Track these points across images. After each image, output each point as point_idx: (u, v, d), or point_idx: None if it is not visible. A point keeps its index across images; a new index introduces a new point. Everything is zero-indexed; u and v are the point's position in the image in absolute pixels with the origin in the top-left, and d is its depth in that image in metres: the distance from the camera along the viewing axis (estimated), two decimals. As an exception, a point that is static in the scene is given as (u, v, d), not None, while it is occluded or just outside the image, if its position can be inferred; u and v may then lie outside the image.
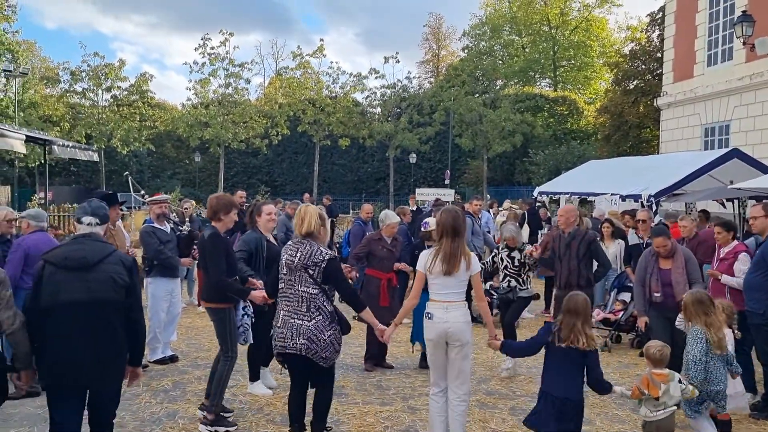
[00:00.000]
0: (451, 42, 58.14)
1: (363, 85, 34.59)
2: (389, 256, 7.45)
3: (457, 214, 4.83)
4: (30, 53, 44.25)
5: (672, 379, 4.56)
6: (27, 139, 11.18)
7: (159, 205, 7.53)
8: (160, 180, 41.74)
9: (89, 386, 3.92)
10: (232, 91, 32.60)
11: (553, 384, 4.35)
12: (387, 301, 7.29)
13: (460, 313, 4.76)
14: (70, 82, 32.59)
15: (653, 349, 4.65)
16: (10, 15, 36.36)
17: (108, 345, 3.87)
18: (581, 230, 7.26)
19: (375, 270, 7.43)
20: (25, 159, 31.64)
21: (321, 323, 4.64)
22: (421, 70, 57.46)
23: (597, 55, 48.14)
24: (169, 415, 5.69)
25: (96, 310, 3.82)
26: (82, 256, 3.88)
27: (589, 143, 34.80)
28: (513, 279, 7.42)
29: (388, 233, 7.53)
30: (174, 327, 7.74)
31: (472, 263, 4.78)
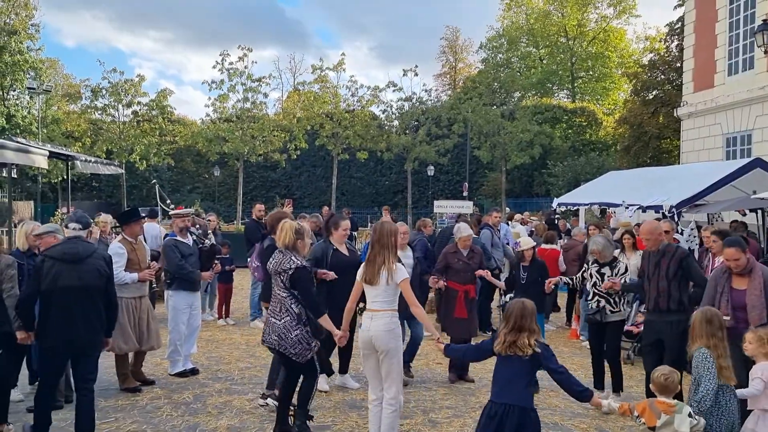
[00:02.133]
0: (468, 54, 58.28)
1: (379, 98, 34.72)
2: (465, 269, 7.46)
3: (385, 228, 5.08)
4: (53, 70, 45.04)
5: (679, 411, 4.02)
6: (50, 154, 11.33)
7: (182, 218, 7.58)
8: (180, 194, 42.08)
9: (81, 349, 5.11)
10: (251, 105, 32.86)
11: (501, 391, 4.18)
12: (464, 312, 7.29)
13: (383, 322, 4.91)
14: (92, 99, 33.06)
15: (658, 374, 4.24)
16: (34, 33, 37.10)
17: (94, 319, 5.13)
18: (671, 246, 6.33)
19: (452, 282, 7.44)
20: (47, 174, 32.10)
21: (289, 323, 5.26)
22: (438, 83, 57.60)
23: (615, 65, 47.94)
24: (189, 428, 5.70)
25: (85, 293, 5.06)
26: (75, 252, 5.11)
27: (608, 154, 34.58)
28: (603, 299, 6.66)
29: (463, 246, 7.55)
30: (194, 340, 7.77)
31: (395, 273, 4.92)
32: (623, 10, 47.46)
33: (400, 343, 5.05)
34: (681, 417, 3.98)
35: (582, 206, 15.25)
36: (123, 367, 6.75)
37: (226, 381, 7.20)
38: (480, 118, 32.50)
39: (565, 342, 9.74)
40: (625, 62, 46.29)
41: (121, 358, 6.75)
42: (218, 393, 6.74)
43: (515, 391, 4.12)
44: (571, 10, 47.65)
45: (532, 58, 51.00)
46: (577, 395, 4.16)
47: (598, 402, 4.16)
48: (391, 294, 4.97)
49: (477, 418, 5.94)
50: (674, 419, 3.98)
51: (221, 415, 6.04)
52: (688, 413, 4.01)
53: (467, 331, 7.39)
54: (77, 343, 5.06)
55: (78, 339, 5.04)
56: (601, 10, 48.22)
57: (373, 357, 5.00)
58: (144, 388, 6.80)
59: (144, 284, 6.87)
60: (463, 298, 7.34)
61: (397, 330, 5.00)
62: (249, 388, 6.91)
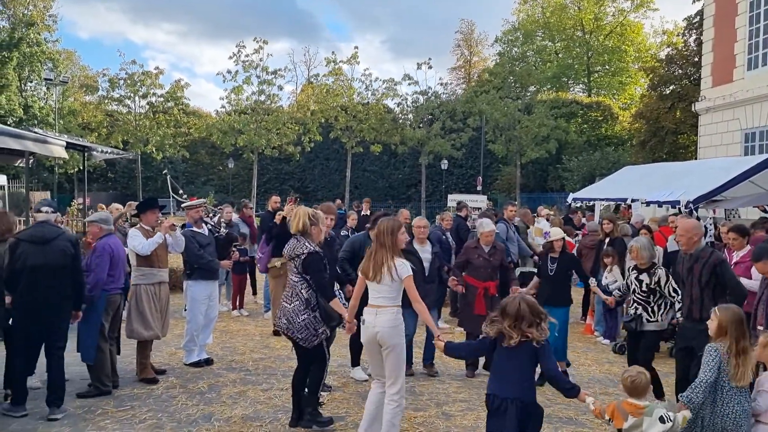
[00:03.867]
0: (483, 48, 58.00)
1: (395, 91, 34.66)
2: (485, 265, 7.31)
3: (382, 226, 5.02)
4: (69, 62, 45.32)
5: (649, 413, 3.84)
6: (67, 145, 11.38)
7: (196, 209, 7.62)
8: (194, 186, 42.31)
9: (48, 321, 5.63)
10: (265, 98, 32.94)
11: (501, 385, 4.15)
12: (483, 309, 7.06)
13: (388, 318, 4.91)
14: (108, 90, 33.27)
15: (626, 375, 4.07)
16: (51, 25, 37.35)
17: (60, 294, 5.66)
18: (706, 250, 5.83)
19: (471, 278, 7.34)
20: (64, 165, 32.35)
21: (297, 307, 5.39)
22: (453, 77, 57.38)
23: (632, 60, 47.55)
24: (204, 417, 5.74)
25: (51, 271, 5.57)
26: (42, 234, 5.66)
27: (624, 149, 34.34)
28: (640, 306, 6.25)
29: (485, 241, 7.39)
30: (210, 330, 7.80)
31: (397, 269, 4.89)
32: (641, 3, 47.03)
33: (404, 339, 5.06)
34: (650, 420, 3.81)
35: (597, 201, 15.16)
36: (143, 355, 6.79)
37: (240, 371, 7.23)
38: (496, 112, 32.36)
39: (580, 337, 9.69)
40: (642, 56, 45.87)
41: (143, 346, 6.80)
42: (233, 383, 6.77)
43: (516, 384, 4.09)
44: (588, 4, 47.29)
45: (547, 51, 50.69)
46: (566, 391, 4.10)
47: (584, 398, 4.07)
48: (395, 290, 4.97)
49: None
50: (642, 422, 3.82)
51: (235, 404, 6.07)
52: (660, 416, 3.82)
53: None
54: (43, 315, 5.60)
55: (44, 312, 5.59)
56: (618, 4, 47.83)
57: (377, 352, 5.00)
58: (160, 377, 6.85)
59: (164, 271, 6.91)
60: (482, 295, 7.20)
61: (402, 326, 5.00)
62: (263, 379, 6.94)
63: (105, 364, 6.30)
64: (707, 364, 4.08)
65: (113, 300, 6.39)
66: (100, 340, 6.24)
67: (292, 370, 7.19)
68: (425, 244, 7.32)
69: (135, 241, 6.65)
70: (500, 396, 4.11)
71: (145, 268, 6.73)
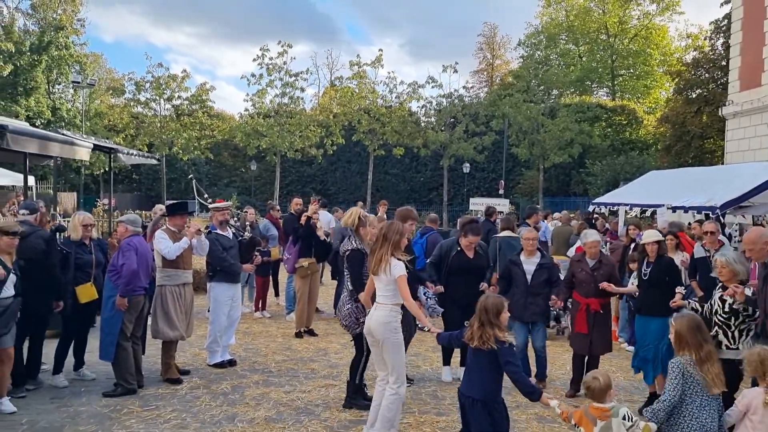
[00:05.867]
0: (505, 51, 57.75)
1: (419, 94, 34.66)
2: (588, 280, 6.77)
3: (393, 226, 5.29)
4: (96, 65, 45.97)
5: (615, 414, 3.87)
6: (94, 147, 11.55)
7: (221, 212, 7.70)
8: (217, 188, 42.62)
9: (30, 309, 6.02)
10: (288, 100, 33.12)
11: (464, 381, 4.47)
12: (584, 327, 6.74)
13: (381, 314, 5.19)
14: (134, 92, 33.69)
15: (587, 378, 4.10)
16: (79, 28, 37.93)
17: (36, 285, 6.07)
18: None
19: (576, 293, 6.92)
20: (90, 166, 32.81)
21: (345, 297, 6.00)
22: (475, 80, 57.20)
23: (657, 63, 47.00)
24: (228, 418, 5.78)
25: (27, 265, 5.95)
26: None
27: (649, 154, 33.95)
28: (720, 330, 5.32)
29: (590, 254, 6.88)
30: (233, 331, 7.87)
31: (391, 268, 5.10)
32: (666, 6, 46.48)
33: (397, 336, 5.21)
34: (617, 421, 3.86)
35: (621, 206, 15.00)
36: (168, 356, 6.87)
37: (263, 373, 7.28)
38: (520, 115, 32.20)
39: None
40: (668, 60, 45.35)
41: (168, 346, 6.88)
42: (255, 384, 6.81)
43: (479, 384, 4.31)
44: (613, 7, 46.85)
45: (571, 55, 50.30)
46: (527, 395, 4.22)
47: (547, 401, 4.14)
48: (391, 289, 5.15)
49: (517, 418, 5.92)
50: (611, 424, 3.85)
51: (259, 406, 6.11)
52: (623, 415, 3.87)
53: (586, 347, 6.78)
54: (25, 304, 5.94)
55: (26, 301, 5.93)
56: (643, 7, 47.32)
57: (375, 344, 5.28)
58: (184, 377, 6.92)
59: (188, 273, 6.99)
60: (584, 311, 6.76)
61: (394, 323, 5.18)
62: (285, 381, 6.97)
63: (128, 362, 6.38)
64: (671, 381, 4.05)
65: (136, 300, 6.47)
66: (121, 339, 6.33)
67: (314, 373, 7.31)
68: (532, 256, 7.14)
69: (162, 244, 6.73)
70: (465, 394, 4.38)
71: (170, 270, 6.81)
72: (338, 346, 8.65)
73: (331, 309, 10.60)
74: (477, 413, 4.29)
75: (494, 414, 4.28)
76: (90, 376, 6.85)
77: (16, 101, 34.56)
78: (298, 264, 9.16)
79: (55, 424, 5.49)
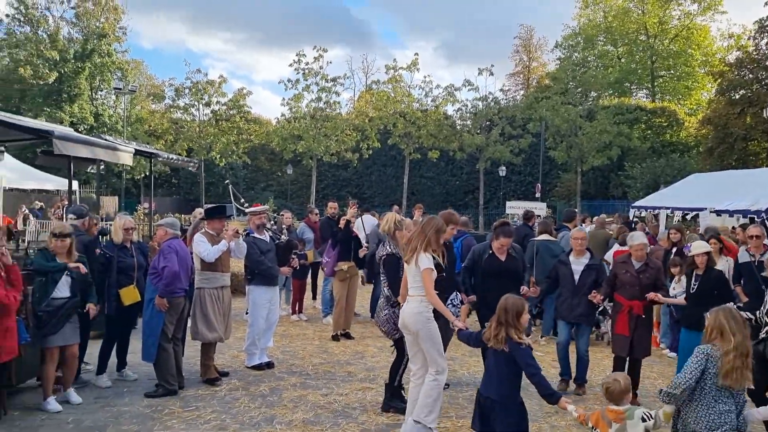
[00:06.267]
0: (542, 53, 57.25)
1: (455, 97, 34.59)
2: (633, 282, 6.61)
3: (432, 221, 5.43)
4: (137, 71, 46.96)
5: (630, 417, 3.88)
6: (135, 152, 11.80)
7: (258, 216, 7.78)
8: (254, 192, 43.13)
9: None
10: (324, 105, 33.38)
11: (483, 382, 4.51)
12: (626, 330, 6.59)
13: (411, 306, 5.29)
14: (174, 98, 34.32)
15: (603, 382, 4.12)
16: (121, 36, 38.82)
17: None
18: None
19: (618, 295, 6.74)
20: (131, 171, 33.51)
21: (382, 303, 5.99)
22: (511, 82, 56.84)
23: (699, 64, 46.09)
24: (266, 419, 5.83)
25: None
26: None
27: (690, 156, 33.34)
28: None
29: (636, 256, 6.68)
30: (271, 334, 7.93)
31: (419, 260, 5.21)
32: (708, 6, 45.55)
33: (430, 325, 5.28)
34: (632, 423, 3.86)
35: (662, 210, 14.75)
36: (207, 357, 6.97)
37: (300, 375, 7.32)
38: (558, 118, 31.89)
39: (644, 349, 9.42)
40: (710, 60, 44.42)
41: (207, 348, 6.97)
42: (293, 387, 6.86)
43: (496, 385, 4.35)
44: (652, 7, 46.11)
45: (609, 56, 49.63)
46: (546, 397, 4.20)
47: (565, 405, 4.11)
48: (418, 281, 5.27)
49: (554, 423, 5.86)
50: (626, 426, 3.86)
51: (296, 408, 6.15)
52: (641, 416, 3.87)
53: (626, 349, 6.63)
54: None
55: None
56: (684, 7, 46.44)
57: (410, 336, 5.38)
58: (223, 379, 7.01)
59: (226, 276, 7.09)
60: (626, 313, 6.59)
61: (426, 314, 5.25)
62: (323, 384, 7.01)
63: (169, 363, 6.48)
64: (691, 363, 3.93)
65: (177, 302, 6.57)
66: (162, 341, 6.43)
67: (351, 376, 7.33)
68: (581, 256, 7.07)
69: (200, 247, 6.83)
70: (484, 394, 4.43)
71: (209, 273, 6.91)
72: (375, 349, 8.66)
73: (368, 312, 10.63)
74: (494, 414, 4.33)
75: (511, 415, 4.31)
76: (132, 376, 6.98)
77: (60, 108, 35.54)
78: (337, 267, 9.22)
79: (99, 424, 5.61)
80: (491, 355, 4.46)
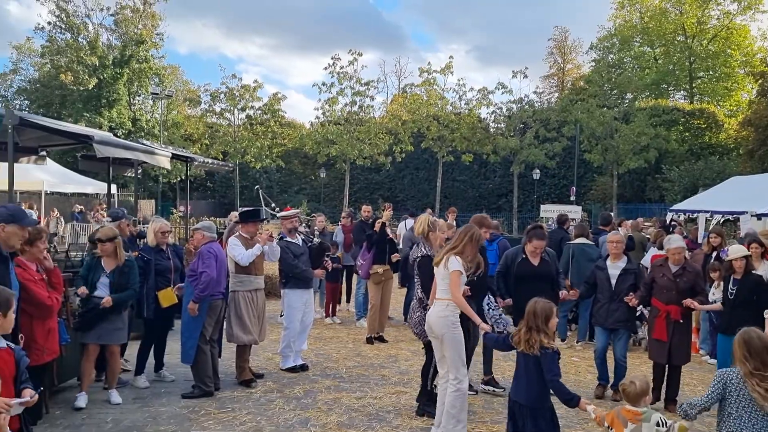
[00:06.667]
0: (577, 55, 56.58)
1: (489, 100, 34.41)
2: (669, 287, 6.48)
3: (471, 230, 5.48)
4: (174, 77, 47.74)
5: (647, 419, 3.86)
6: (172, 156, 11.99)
7: (290, 219, 7.84)
8: (287, 195, 43.44)
9: None
10: (358, 108, 33.50)
11: (513, 386, 4.53)
12: (663, 335, 6.47)
13: (439, 309, 5.33)
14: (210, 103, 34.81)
15: (623, 382, 4.15)
16: (158, 42, 39.52)
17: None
18: None
19: (655, 299, 6.65)
20: (167, 175, 34.07)
21: (414, 305, 6.05)
22: (545, 85, 56.28)
23: (738, 64, 45.07)
24: (301, 422, 5.86)
25: None
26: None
27: (730, 158, 32.61)
28: None
29: (673, 260, 6.57)
30: (305, 336, 7.98)
31: (449, 263, 5.26)
32: (748, 5, 44.51)
33: (455, 330, 5.30)
34: (648, 426, 3.85)
35: (701, 213, 14.45)
36: (242, 359, 7.04)
37: (334, 378, 7.35)
38: (593, 120, 31.50)
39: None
40: (750, 61, 43.43)
41: (242, 350, 7.05)
42: (327, 389, 6.89)
43: (525, 389, 4.38)
44: (690, 7, 45.24)
45: (646, 58, 48.80)
46: (566, 402, 4.25)
47: (584, 407, 4.18)
48: (446, 284, 5.30)
49: (590, 430, 5.78)
50: (642, 428, 3.86)
51: (331, 411, 6.17)
52: (657, 421, 3.85)
53: (663, 356, 6.51)
54: None
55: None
56: (723, 6, 45.47)
57: (436, 340, 5.41)
58: (258, 381, 7.07)
59: (260, 278, 7.16)
60: (663, 318, 6.49)
61: (452, 318, 5.28)
62: (357, 387, 7.02)
63: (206, 365, 6.57)
64: (710, 387, 3.92)
65: (215, 305, 6.66)
66: (201, 343, 6.52)
67: (385, 379, 7.34)
68: (618, 260, 6.99)
69: (235, 250, 6.90)
70: (513, 398, 4.47)
71: (243, 276, 6.99)
72: (408, 353, 8.65)
73: (401, 316, 10.62)
74: (524, 418, 4.36)
75: (541, 419, 4.34)
76: (169, 377, 7.09)
77: (99, 113, 36.31)
78: (372, 270, 9.24)
79: (138, 423, 5.71)
80: (521, 359, 4.47)
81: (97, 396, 6.32)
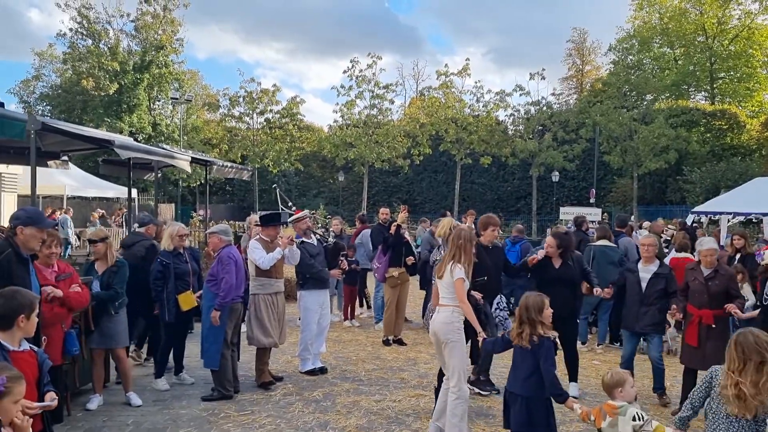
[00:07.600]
0: (596, 57, 56.18)
1: (507, 102, 34.28)
2: (701, 290, 6.30)
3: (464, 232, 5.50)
4: (193, 81, 48.14)
5: (623, 413, 3.93)
6: (192, 160, 12.06)
7: (302, 221, 7.89)
8: (305, 198, 43.56)
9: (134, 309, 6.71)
10: (377, 112, 33.54)
11: (509, 378, 4.67)
12: (695, 340, 6.28)
13: (443, 315, 5.34)
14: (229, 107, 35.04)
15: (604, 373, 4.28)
16: (178, 47, 39.87)
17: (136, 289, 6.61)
18: None
19: (689, 304, 6.45)
20: (187, 179, 34.32)
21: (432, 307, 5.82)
22: (564, 86, 55.93)
23: (760, 65, 44.47)
24: (321, 425, 5.86)
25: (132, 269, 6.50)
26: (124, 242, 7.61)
27: (753, 160, 32.16)
28: None
29: (705, 263, 6.37)
30: (323, 339, 7.99)
31: (454, 272, 5.30)
32: (770, 5, 43.90)
33: (458, 337, 5.33)
34: (624, 420, 3.96)
35: (724, 215, 14.27)
36: (262, 362, 7.06)
37: (353, 381, 7.35)
38: (612, 122, 31.25)
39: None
40: (772, 61, 42.84)
41: (262, 353, 7.06)
42: (346, 393, 6.88)
43: (521, 381, 4.49)
44: (710, 8, 44.72)
45: (665, 59, 48.31)
46: (555, 396, 4.38)
47: (571, 406, 4.27)
48: (450, 291, 5.35)
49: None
50: (617, 422, 3.98)
51: (350, 414, 6.16)
52: (633, 415, 3.93)
53: (696, 362, 6.28)
54: None
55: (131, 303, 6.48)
56: (744, 6, 44.89)
57: (439, 346, 5.42)
58: (277, 384, 7.08)
59: (280, 282, 7.17)
60: (696, 323, 6.30)
61: (457, 324, 5.32)
62: (376, 390, 7.01)
63: (227, 369, 6.59)
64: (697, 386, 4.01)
65: (236, 308, 6.68)
66: (222, 347, 6.54)
67: (404, 382, 7.31)
68: (650, 263, 6.79)
69: (256, 254, 6.92)
70: (509, 390, 4.61)
71: (263, 279, 7.01)
72: (427, 356, 8.62)
73: (420, 319, 10.59)
74: (517, 409, 4.49)
75: (534, 411, 4.44)
76: (189, 380, 7.12)
77: (120, 118, 36.70)
78: (388, 273, 9.23)
79: (158, 426, 5.74)
80: (516, 351, 4.62)
81: (117, 398, 6.37)
